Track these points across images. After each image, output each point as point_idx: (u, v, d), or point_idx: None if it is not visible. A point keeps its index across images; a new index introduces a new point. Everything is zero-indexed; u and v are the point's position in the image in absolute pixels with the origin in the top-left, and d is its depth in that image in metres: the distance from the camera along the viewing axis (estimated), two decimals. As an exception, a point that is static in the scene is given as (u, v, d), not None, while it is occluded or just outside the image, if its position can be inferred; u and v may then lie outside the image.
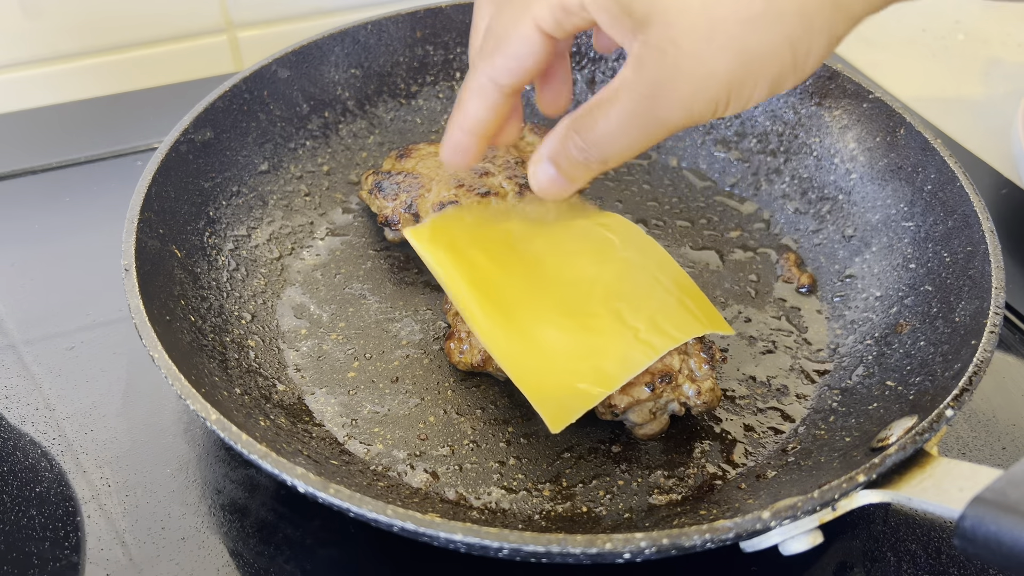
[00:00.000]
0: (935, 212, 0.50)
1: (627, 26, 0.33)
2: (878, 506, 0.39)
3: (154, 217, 0.47)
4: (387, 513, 0.33)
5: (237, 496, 0.44)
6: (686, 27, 0.31)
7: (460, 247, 0.47)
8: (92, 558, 0.41)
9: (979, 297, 0.43)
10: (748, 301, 0.53)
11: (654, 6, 0.31)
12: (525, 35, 0.36)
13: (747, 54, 0.31)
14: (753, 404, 0.47)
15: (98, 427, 0.47)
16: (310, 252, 0.55)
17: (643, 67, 0.33)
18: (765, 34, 0.30)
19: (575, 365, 0.43)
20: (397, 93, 0.63)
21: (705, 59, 0.31)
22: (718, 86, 0.32)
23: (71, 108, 0.71)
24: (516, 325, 0.44)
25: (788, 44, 0.31)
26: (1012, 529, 0.28)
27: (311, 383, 0.47)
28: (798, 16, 0.30)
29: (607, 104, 0.35)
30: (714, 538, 0.32)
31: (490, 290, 0.45)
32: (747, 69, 0.32)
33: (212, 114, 0.54)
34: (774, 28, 0.30)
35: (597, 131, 0.36)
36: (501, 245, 0.48)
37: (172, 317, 0.44)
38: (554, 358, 0.43)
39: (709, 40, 0.31)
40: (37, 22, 0.69)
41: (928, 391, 0.41)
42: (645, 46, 0.32)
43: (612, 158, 0.37)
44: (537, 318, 0.44)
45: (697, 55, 0.31)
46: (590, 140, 0.36)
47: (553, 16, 0.35)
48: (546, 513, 0.42)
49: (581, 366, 0.43)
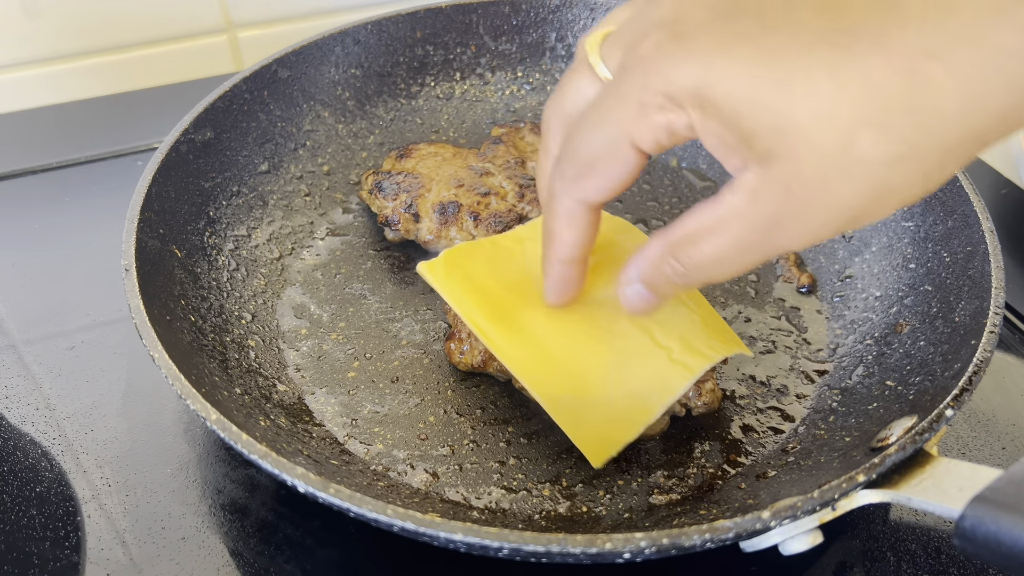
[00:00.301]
0: (935, 212, 0.50)
1: (740, 154, 0.30)
2: (878, 506, 0.39)
3: (154, 217, 0.47)
4: (387, 513, 0.33)
5: (237, 496, 0.44)
6: (818, 166, 0.29)
7: (476, 278, 0.45)
8: (92, 558, 0.41)
9: (979, 297, 0.43)
10: (748, 301, 0.53)
11: (781, 142, 0.29)
12: (623, 157, 0.33)
13: (883, 190, 0.29)
14: (753, 404, 0.47)
15: (98, 427, 0.47)
16: (310, 252, 0.55)
17: (761, 200, 0.30)
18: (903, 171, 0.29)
19: (612, 393, 0.42)
20: (397, 93, 0.63)
21: (837, 196, 0.29)
22: (847, 218, 0.30)
23: (71, 108, 0.71)
24: (546, 356, 0.43)
25: (923, 177, 0.29)
26: (1012, 529, 0.28)
27: (311, 383, 0.47)
28: (939, 152, 0.28)
29: (713, 233, 0.32)
30: (714, 538, 0.32)
31: (513, 321, 0.44)
32: (879, 202, 0.30)
33: (212, 114, 0.54)
34: (913, 166, 0.29)
35: (702, 258, 0.33)
36: (517, 271, 0.46)
37: (172, 317, 0.44)
38: (590, 388, 0.42)
39: (843, 179, 0.29)
40: (37, 22, 0.69)
41: (928, 391, 0.41)
42: (765, 181, 0.30)
43: (717, 280, 0.35)
44: (567, 347, 0.43)
45: (829, 192, 0.29)
46: (692, 266, 0.34)
47: (655, 138, 0.32)
48: (546, 513, 0.42)
49: (618, 394, 0.42)
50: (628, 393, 0.42)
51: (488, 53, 0.65)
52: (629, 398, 0.42)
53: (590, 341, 0.43)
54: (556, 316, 0.44)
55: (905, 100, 0.27)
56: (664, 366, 0.42)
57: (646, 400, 0.42)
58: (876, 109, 0.28)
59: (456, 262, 0.46)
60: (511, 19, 0.64)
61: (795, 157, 0.29)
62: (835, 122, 0.28)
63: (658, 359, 0.42)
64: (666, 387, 0.42)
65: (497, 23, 0.64)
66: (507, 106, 0.65)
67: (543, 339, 0.43)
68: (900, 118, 0.28)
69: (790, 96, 0.28)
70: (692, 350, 0.42)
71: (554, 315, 0.44)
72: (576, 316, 0.44)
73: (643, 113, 0.32)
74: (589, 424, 0.42)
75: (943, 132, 0.28)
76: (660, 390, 0.42)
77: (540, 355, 0.43)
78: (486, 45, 0.65)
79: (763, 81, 0.29)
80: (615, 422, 0.42)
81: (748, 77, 0.29)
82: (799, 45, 0.28)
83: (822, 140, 0.28)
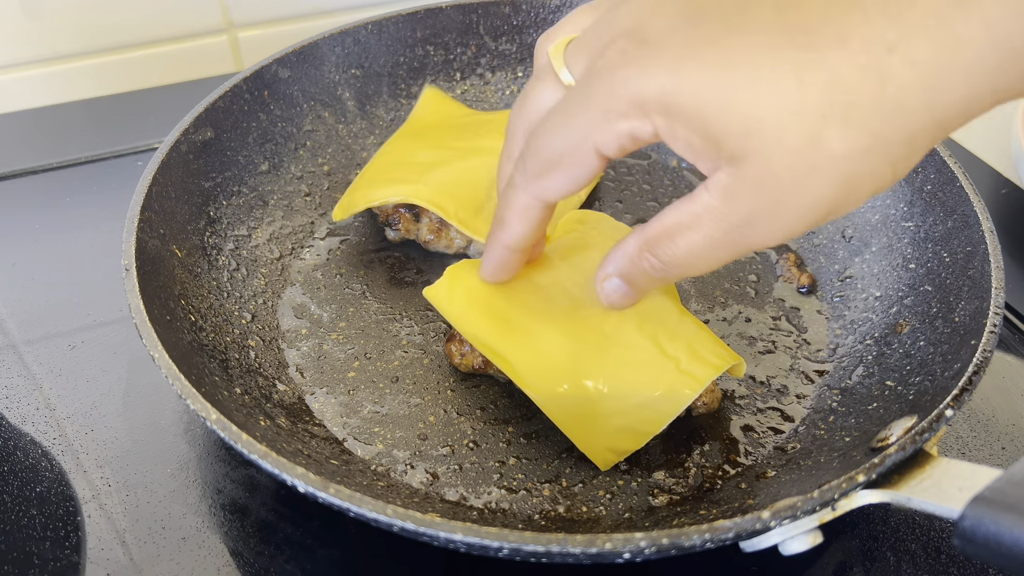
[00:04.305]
0: (935, 212, 0.50)
1: (711, 156, 0.31)
2: (878, 506, 0.39)
3: (154, 217, 0.47)
4: (387, 513, 0.33)
5: (237, 496, 0.44)
6: (788, 163, 0.29)
7: (478, 297, 0.45)
8: (92, 558, 0.41)
9: (979, 297, 0.43)
10: (748, 301, 0.53)
11: (750, 143, 0.29)
12: (585, 161, 0.34)
13: (853, 181, 0.30)
14: (753, 404, 0.47)
15: (98, 427, 0.47)
16: (310, 252, 0.55)
17: (735, 199, 0.31)
18: (870, 163, 0.29)
19: (621, 405, 0.42)
20: (397, 93, 0.63)
21: (809, 190, 0.30)
22: (819, 212, 0.31)
23: (71, 108, 0.71)
24: (554, 368, 0.42)
25: (890, 166, 0.30)
26: (1012, 529, 0.28)
27: (311, 383, 0.48)
28: (905, 142, 0.29)
29: (689, 229, 0.33)
30: (714, 538, 0.32)
31: (519, 335, 0.43)
32: (850, 194, 0.30)
33: (212, 114, 0.54)
34: (880, 156, 0.29)
35: (678, 254, 0.34)
36: (520, 283, 0.45)
37: (172, 317, 0.44)
38: (599, 400, 0.42)
39: (813, 174, 0.29)
40: (37, 22, 0.69)
41: (928, 391, 0.41)
42: (738, 180, 0.31)
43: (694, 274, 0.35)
44: (574, 358, 0.42)
45: (800, 188, 0.30)
46: (668, 261, 0.34)
47: (619, 144, 0.33)
48: (546, 513, 0.42)
49: (627, 405, 0.42)
50: (638, 404, 0.42)
51: (488, 53, 0.65)
52: (639, 409, 0.42)
53: (597, 352, 0.43)
54: (562, 328, 0.44)
55: (869, 95, 0.28)
56: (673, 377, 0.42)
57: (656, 411, 0.42)
58: (841, 105, 0.28)
59: (458, 280, 0.46)
60: (511, 19, 0.64)
61: (765, 156, 0.29)
62: (802, 120, 0.28)
63: (666, 370, 0.42)
64: (675, 398, 0.42)
65: (497, 23, 0.64)
66: (507, 106, 0.65)
67: (550, 352, 0.43)
68: (865, 112, 0.28)
69: (756, 97, 0.29)
70: (699, 360, 0.42)
71: (560, 327, 0.44)
72: (583, 326, 0.44)
73: (607, 120, 0.32)
74: (598, 435, 0.42)
75: (907, 123, 0.29)
76: (669, 401, 0.42)
77: (547, 368, 0.43)
78: (486, 45, 0.65)
79: (728, 84, 0.29)
80: (624, 432, 0.42)
81: (714, 81, 0.29)
82: (762, 46, 0.29)
83: (790, 138, 0.29)
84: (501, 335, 0.44)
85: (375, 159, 0.57)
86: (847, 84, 0.28)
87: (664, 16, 0.31)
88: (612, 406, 0.42)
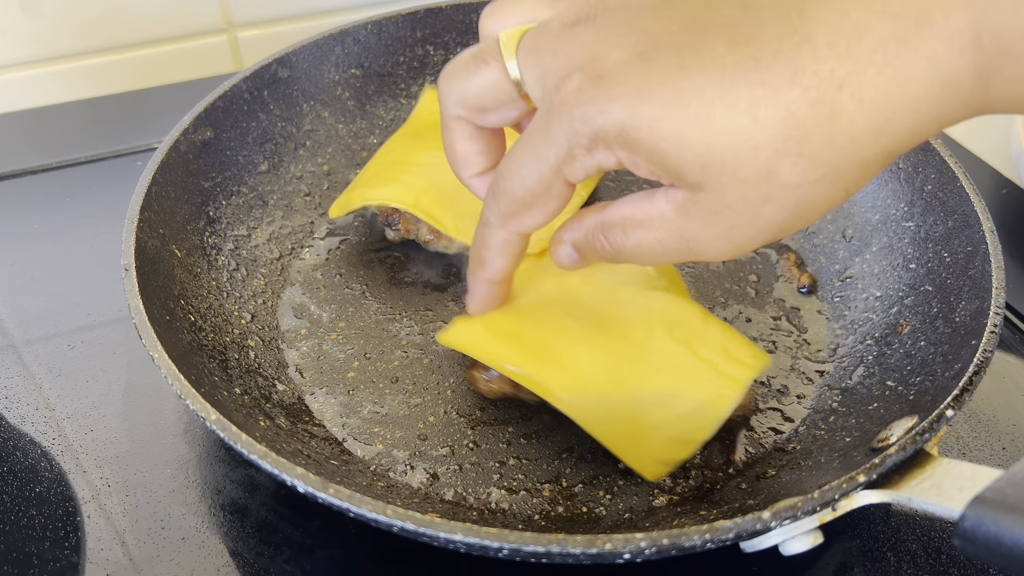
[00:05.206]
0: (935, 212, 0.50)
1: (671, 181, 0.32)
2: (878, 506, 0.39)
3: (154, 217, 0.47)
4: (387, 513, 0.33)
5: (237, 496, 0.44)
6: (743, 194, 0.30)
7: (499, 326, 0.43)
8: (92, 558, 0.41)
9: (979, 297, 0.43)
10: (748, 301, 0.53)
11: (707, 176, 0.30)
12: (556, 193, 0.35)
13: (806, 206, 0.31)
14: (753, 404, 0.47)
15: (98, 427, 0.47)
16: (310, 252, 0.55)
17: (689, 217, 0.32)
18: (823, 189, 0.30)
19: (665, 415, 0.41)
20: (397, 93, 0.63)
21: (762, 217, 0.31)
22: (770, 233, 0.32)
23: (71, 108, 0.71)
24: (591, 386, 0.41)
25: (843, 190, 0.31)
26: (1012, 529, 0.28)
27: (311, 383, 0.47)
28: (855, 169, 0.30)
29: (642, 227, 0.34)
30: (714, 538, 0.32)
31: (551, 358, 0.42)
32: (803, 216, 0.32)
33: (212, 114, 0.54)
34: (832, 183, 0.30)
35: (627, 246, 0.35)
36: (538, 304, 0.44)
37: (172, 317, 0.44)
38: (642, 413, 0.41)
39: (767, 203, 0.31)
40: (37, 22, 0.69)
41: (928, 391, 0.41)
42: (694, 204, 0.32)
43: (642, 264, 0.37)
44: (610, 373, 0.41)
45: (753, 215, 0.31)
46: (618, 248, 0.35)
47: (586, 173, 0.34)
48: (546, 513, 0.42)
49: (671, 415, 0.41)
50: (683, 414, 0.41)
51: (488, 53, 0.65)
52: (684, 419, 0.41)
53: (632, 363, 0.42)
54: (591, 341, 0.42)
55: (820, 129, 0.29)
56: (713, 382, 0.41)
57: (702, 418, 0.41)
58: (795, 140, 0.29)
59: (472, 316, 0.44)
60: (511, 19, 0.64)
61: (721, 187, 0.31)
62: (757, 155, 0.30)
63: (705, 376, 0.42)
64: (719, 403, 0.41)
65: (497, 23, 0.64)
66: (507, 106, 0.65)
67: (584, 368, 0.42)
68: (817, 145, 0.29)
69: (713, 134, 0.30)
70: (736, 361, 0.42)
71: (589, 340, 0.42)
72: (612, 337, 0.42)
73: (572, 155, 0.33)
74: (646, 449, 0.41)
75: (857, 152, 0.30)
76: (714, 406, 0.41)
77: (584, 385, 0.41)
78: (486, 45, 0.65)
79: (684, 121, 0.30)
80: (673, 443, 0.41)
81: (670, 119, 0.30)
82: (717, 83, 0.29)
83: (745, 171, 0.30)
84: (531, 359, 0.42)
85: (375, 159, 0.57)
86: (800, 119, 0.29)
87: (618, 51, 0.31)
88: (657, 417, 0.41)
